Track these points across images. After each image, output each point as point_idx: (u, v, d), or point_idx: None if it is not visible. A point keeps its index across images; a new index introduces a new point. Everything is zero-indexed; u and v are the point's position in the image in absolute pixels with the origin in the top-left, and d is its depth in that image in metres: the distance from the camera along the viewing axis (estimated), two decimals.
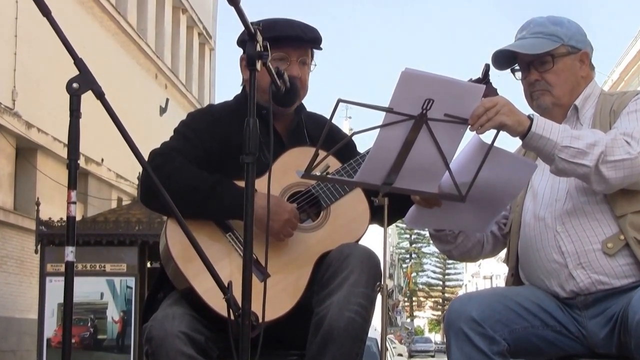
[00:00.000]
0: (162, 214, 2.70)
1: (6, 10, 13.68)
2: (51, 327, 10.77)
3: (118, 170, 17.69)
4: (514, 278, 2.67)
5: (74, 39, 2.08)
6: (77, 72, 2.05)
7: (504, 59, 2.63)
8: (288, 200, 2.64)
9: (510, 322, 2.45)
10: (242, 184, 2.35)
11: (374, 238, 2.90)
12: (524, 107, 2.46)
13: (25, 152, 14.82)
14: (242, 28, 2.18)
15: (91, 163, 16.42)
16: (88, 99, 2.08)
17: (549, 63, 2.58)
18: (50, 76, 14.43)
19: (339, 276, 2.50)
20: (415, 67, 2.19)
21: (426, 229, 2.90)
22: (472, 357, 2.38)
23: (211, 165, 2.65)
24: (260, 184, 2.28)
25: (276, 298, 2.42)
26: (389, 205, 2.65)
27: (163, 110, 21.15)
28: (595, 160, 2.34)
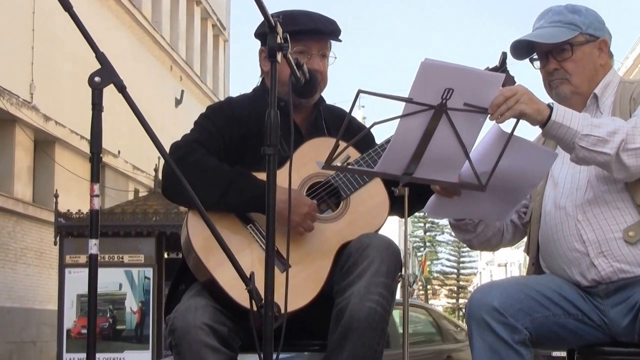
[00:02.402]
0: (184, 206, 2.71)
1: (23, 4, 13.73)
2: (70, 318, 10.84)
3: (135, 162, 17.74)
4: (535, 267, 2.67)
5: (90, 32, 2.08)
6: (94, 64, 2.06)
7: (523, 48, 2.63)
8: (308, 190, 2.64)
9: (532, 311, 2.44)
10: (261, 175, 2.36)
11: (390, 227, 2.91)
12: (542, 96, 2.46)
13: (43, 145, 14.89)
14: (256, 19, 2.18)
15: (108, 155, 16.47)
16: (104, 91, 2.08)
17: (567, 52, 2.57)
18: (67, 69, 14.51)
19: (359, 266, 2.50)
20: (434, 58, 2.19)
21: (444, 218, 2.90)
22: (494, 346, 2.38)
23: (231, 157, 2.66)
24: (280, 175, 2.28)
25: (297, 289, 2.42)
26: (408, 195, 2.66)
27: (178, 102, 21.19)
28: (615, 148, 2.33)
